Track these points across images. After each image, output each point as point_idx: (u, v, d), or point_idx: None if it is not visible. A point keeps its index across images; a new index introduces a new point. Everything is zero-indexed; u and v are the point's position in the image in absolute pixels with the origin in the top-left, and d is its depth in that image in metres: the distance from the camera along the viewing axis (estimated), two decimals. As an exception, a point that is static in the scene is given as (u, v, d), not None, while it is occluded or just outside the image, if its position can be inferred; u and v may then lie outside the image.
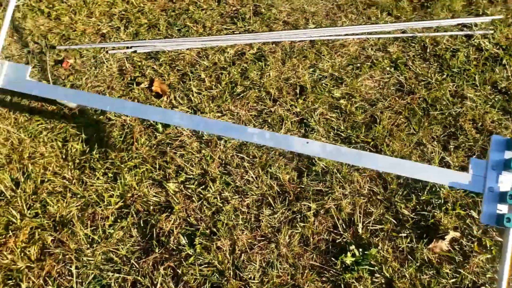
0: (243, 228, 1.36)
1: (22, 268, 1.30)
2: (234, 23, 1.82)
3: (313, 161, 1.47)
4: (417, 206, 1.39)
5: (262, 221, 1.36)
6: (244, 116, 1.60)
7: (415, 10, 1.93)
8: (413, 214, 1.38)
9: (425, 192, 1.40)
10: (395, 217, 1.38)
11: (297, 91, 1.62)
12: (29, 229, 1.39)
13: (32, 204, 1.44)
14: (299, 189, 1.43)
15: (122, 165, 1.46)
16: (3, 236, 1.39)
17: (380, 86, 1.66)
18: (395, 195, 1.41)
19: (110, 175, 1.46)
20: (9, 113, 1.61)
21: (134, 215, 1.40)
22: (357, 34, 1.79)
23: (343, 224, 1.37)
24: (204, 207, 1.41)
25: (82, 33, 1.81)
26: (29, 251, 1.35)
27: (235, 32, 1.81)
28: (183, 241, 1.35)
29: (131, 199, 1.45)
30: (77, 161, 1.51)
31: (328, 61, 1.70)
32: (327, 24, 1.82)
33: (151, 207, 1.40)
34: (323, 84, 1.64)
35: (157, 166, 1.48)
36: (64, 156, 1.53)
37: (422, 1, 1.97)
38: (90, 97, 1.27)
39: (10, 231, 1.39)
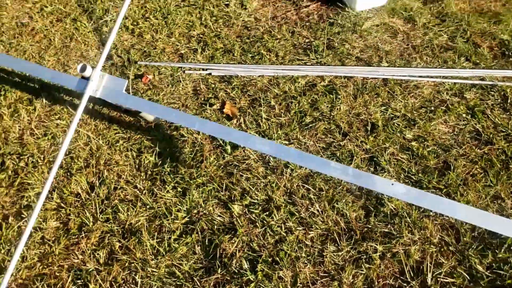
0: (306, 261, 1.39)
1: (91, 270, 1.39)
2: (306, 55, 1.92)
3: (382, 201, 1.49)
4: (493, 264, 1.34)
5: (326, 257, 1.37)
6: (312, 146, 1.65)
7: (496, 58, 1.92)
8: (488, 271, 1.33)
9: (503, 249, 1.36)
10: (468, 273, 1.33)
11: (368, 128, 1.66)
12: (99, 233, 1.51)
13: (104, 209, 1.56)
14: (366, 228, 1.44)
15: (191, 181, 1.55)
16: (76, 236, 1.51)
17: (455, 132, 1.65)
18: (469, 248, 1.37)
19: (179, 189, 1.56)
20: (91, 119, 1.77)
21: (199, 232, 1.47)
22: (432, 77, 1.82)
23: (411, 272, 1.35)
24: (268, 234, 1.45)
25: (161, 51, 1.98)
26: (98, 254, 1.46)
27: (307, 63, 1.90)
28: (245, 265, 1.38)
29: (197, 216, 1.52)
30: (149, 172, 1.63)
31: (401, 101, 1.73)
32: (401, 64, 1.86)
33: (215, 227, 1.47)
34: (395, 124, 1.67)
35: (224, 187, 1.56)
36: (137, 166, 1.66)
37: (503, 50, 1.97)
38: (181, 116, 1.36)
39: (83, 232, 1.51)
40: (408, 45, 1.95)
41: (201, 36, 2.02)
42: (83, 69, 1.37)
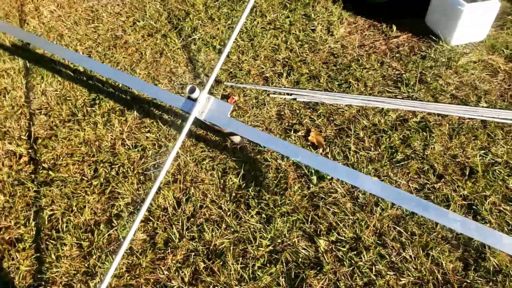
0: (397, 310, 1.35)
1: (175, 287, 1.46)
2: (397, 87, 1.89)
3: (484, 255, 1.41)
4: None
5: (420, 308, 1.34)
6: (403, 186, 1.61)
7: None
8: None
9: None
10: None
11: (466, 172, 1.59)
12: (185, 250, 1.56)
13: (190, 227, 1.61)
14: (464, 283, 1.37)
15: (275, 209, 1.56)
16: (162, 251, 1.57)
17: None
18: None
19: (263, 216, 1.57)
20: (178, 135, 1.85)
21: (284, 264, 1.47)
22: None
23: None
24: (356, 275, 1.42)
25: (247, 73, 2.04)
26: (183, 272, 1.50)
27: (397, 96, 1.87)
28: (332, 306, 1.38)
29: (281, 245, 1.52)
30: (234, 194, 1.66)
31: (503, 147, 1.65)
32: (502, 106, 1.79)
33: (300, 260, 1.45)
34: (497, 171, 1.59)
35: (309, 219, 1.55)
36: (222, 187, 1.70)
37: None
38: (285, 146, 1.36)
39: (169, 247, 1.57)
40: (510, 85, 1.87)
41: (286, 60, 2.06)
42: (192, 90, 1.43)
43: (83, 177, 1.76)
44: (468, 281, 1.38)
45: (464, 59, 1.97)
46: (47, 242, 1.61)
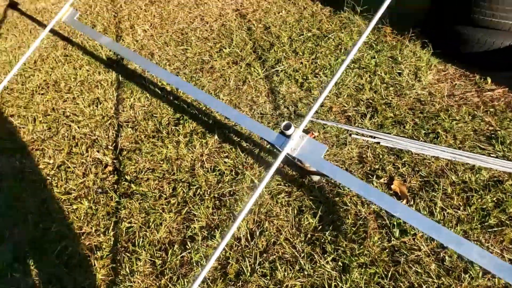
0: None
1: None
2: (490, 144, 1.80)
3: None
4: None
5: None
6: (496, 255, 1.51)
7: None
8: None
9: None
10: None
11: None
12: (255, 286, 1.58)
13: (262, 262, 1.62)
14: None
15: (352, 258, 1.51)
16: (233, 283, 1.55)
17: None
18: None
19: (339, 263, 1.54)
20: (256, 164, 1.86)
21: (359, 320, 1.44)
22: None
23: None
24: None
25: (328, 109, 2.06)
26: (253, 309, 1.53)
27: (491, 154, 1.78)
28: None
29: (356, 299, 1.51)
30: (309, 235, 1.65)
31: None
32: None
33: (377, 318, 1.43)
34: None
35: (388, 274, 1.50)
36: (297, 225, 1.70)
37: None
38: (381, 197, 1.30)
39: (240, 281, 1.56)
40: None
41: (370, 101, 2.05)
42: (287, 127, 1.45)
43: (162, 194, 1.85)
44: None
45: None
46: (123, 255, 1.69)
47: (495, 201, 1.65)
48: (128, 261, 1.64)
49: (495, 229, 1.57)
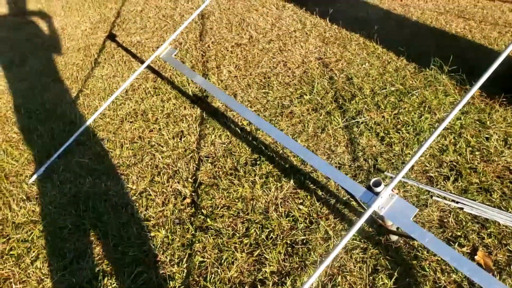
0: None
1: None
2: None
3: None
4: None
5: None
6: None
7: None
8: None
9: None
10: None
11: None
12: None
13: (333, 319, 1.72)
14: None
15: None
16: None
17: None
18: None
19: (416, 334, 1.60)
20: (331, 215, 1.94)
21: None
22: None
23: None
24: None
25: (410, 168, 2.16)
26: None
27: None
28: None
29: None
30: (384, 297, 1.74)
31: None
32: None
33: None
34: None
35: None
36: (370, 284, 1.74)
37: None
38: (476, 270, 1.27)
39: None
40: None
41: (454, 164, 2.09)
42: (377, 184, 1.51)
43: (236, 233, 2.01)
44: None
45: None
46: (194, 288, 1.90)
47: None
48: (199, 297, 1.81)
49: None
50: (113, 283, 1.88)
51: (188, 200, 2.21)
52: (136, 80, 3.29)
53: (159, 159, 2.46)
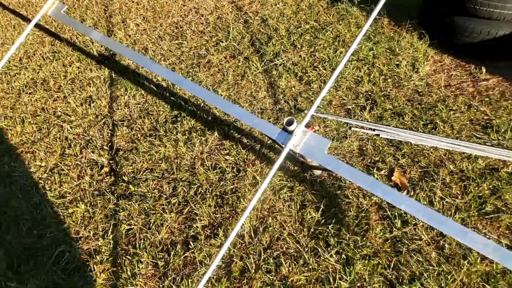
0: None
1: None
2: (486, 133, 1.88)
3: None
4: None
5: None
6: (494, 240, 1.59)
7: None
8: None
9: None
10: None
11: None
12: (260, 283, 1.62)
13: (266, 258, 1.68)
14: None
15: (356, 250, 1.59)
16: (238, 281, 1.63)
17: None
18: None
19: (343, 256, 1.61)
20: (257, 160, 1.91)
21: (364, 311, 1.51)
22: None
23: None
24: (443, 332, 1.43)
25: (328, 103, 2.11)
26: (260, 305, 1.58)
27: (486, 143, 1.87)
28: None
29: (361, 290, 1.57)
30: (312, 229, 1.71)
31: None
32: None
33: (382, 308, 1.50)
34: None
35: (391, 265, 1.57)
36: (300, 220, 1.75)
37: None
38: (387, 191, 1.33)
39: (244, 278, 1.63)
40: None
41: (369, 93, 2.11)
42: (290, 123, 1.48)
43: (162, 194, 1.88)
44: None
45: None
46: (124, 258, 1.72)
47: (491, 188, 1.73)
48: (129, 264, 1.68)
49: (492, 216, 1.65)
50: (32, 270, 1.69)
51: (106, 169, 2.00)
52: (30, 45, 2.80)
53: (68, 130, 2.18)
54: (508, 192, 1.70)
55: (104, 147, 2.06)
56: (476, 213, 1.66)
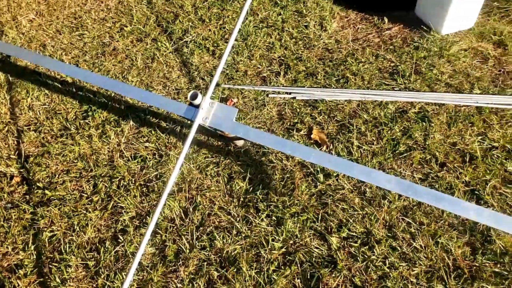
0: (414, 300, 1.42)
1: None
2: (393, 79, 1.96)
3: (489, 238, 1.49)
4: None
5: (436, 296, 1.41)
6: (408, 177, 1.68)
7: None
8: None
9: None
10: None
11: (466, 158, 1.68)
12: (197, 261, 1.58)
13: (200, 236, 1.64)
14: (474, 267, 1.45)
15: (285, 210, 1.61)
16: (173, 263, 1.58)
17: (562, 166, 1.67)
18: None
19: (273, 218, 1.62)
20: (179, 143, 1.86)
21: (298, 264, 1.51)
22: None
23: (529, 316, 1.36)
24: (370, 269, 1.48)
25: (244, 74, 2.06)
26: (197, 283, 1.52)
27: (394, 88, 1.94)
28: (351, 302, 1.43)
29: (294, 246, 1.57)
30: (242, 199, 1.69)
31: (499, 131, 1.75)
32: (495, 91, 1.89)
33: (314, 259, 1.51)
34: (495, 155, 1.68)
35: (319, 217, 1.61)
36: (229, 192, 1.72)
37: None
38: (296, 147, 1.36)
39: (180, 259, 1.58)
40: (501, 71, 1.97)
41: (282, 58, 2.09)
42: (194, 96, 1.44)
43: (83, 194, 1.75)
44: (477, 264, 1.47)
45: (455, 48, 2.07)
46: (50, 266, 1.60)
47: (402, 129, 1.82)
48: (57, 271, 1.55)
49: (405, 154, 1.74)
50: None
51: (17, 179, 1.81)
52: None
53: (-32, 145, 2.02)
54: (417, 130, 1.80)
55: (11, 156, 1.86)
56: (391, 154, 1.74)
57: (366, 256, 1.49)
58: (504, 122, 1.80)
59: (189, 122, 1.86)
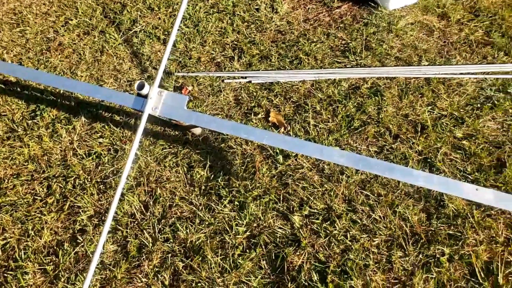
0: (375, 269, 1.37)
1: None
2: (345, 57, 1.88)
3: (442, 202, 1.47)
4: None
5: (395, 263, 1.35)
6: (364, 151, 1.63)
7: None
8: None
9: None
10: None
11: (418, 128, 1.65)
12: (161, 254, 1.47)
13: (162, 229, 1.52)
14: (430, 231, 1.43)
15: (247, 194, 1.52)
16: (137, 258, 1.47)
17: (504, 128, 1.66)
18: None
19: (236, 203, 1.52)
20: (135, 135, 1.73)
21: (263, 246, 1.44)
22: (473, 74, 1.82)
23: (481, 273, 1.35)
24: (333, 244, 1.43)
25: (197, 61, 1.92)
26: (162, 276, 1.42)
27: (347, 66, 1.87)
28: (315, 277, 1.36)
29: (257, 229, 1.49)
30: (203, 187, 1.58)
31: (446, 100, 1.72)
32: (441, 62, 1.87)
33: (278, 239, 1.44)
34: (444, 123, 1.66)
35: (281, 198, 1.53)
36: (189, 182, 1.61)
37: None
38: (250, 131, 1.29)
39: (143, 254, 1.47)
40: (445, 42, 1.93)
41: (235, 43, 1.96)
42: (141, 86, 1.31)
43: (36, 197, 1.58)
44: (433, 228, 1.45)
45: (402, 22, 2.02)
46: (5, 274, 1.43)
47: (356, 105, 1.76)
48: (13, 279, 1.40)
49: (360, 129, 1.68)
50: None
51: (-37, 189, 1.70)
52: None
53: None
54: (370, 105, 1.74)
55: (-45, 165, 1.72)
56: (347, 131, 1.67)
57: (328, 232, 1.44)
58: (451, 90, 1.78)
59: (140, 113, 1.74)
